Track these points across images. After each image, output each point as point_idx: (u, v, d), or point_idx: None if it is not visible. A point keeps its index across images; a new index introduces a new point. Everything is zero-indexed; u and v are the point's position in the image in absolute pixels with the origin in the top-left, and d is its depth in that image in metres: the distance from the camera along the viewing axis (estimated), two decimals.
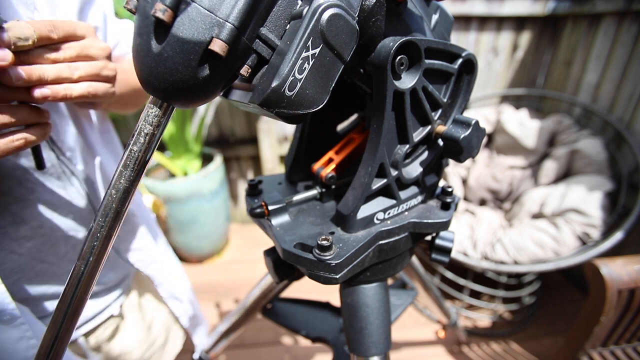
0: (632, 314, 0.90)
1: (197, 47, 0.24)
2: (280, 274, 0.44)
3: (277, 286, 0.62)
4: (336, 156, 0.46)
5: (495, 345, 1.48)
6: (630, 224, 1.24)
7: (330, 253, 0.35)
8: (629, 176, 1.41)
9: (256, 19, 0.26)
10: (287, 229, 0.40)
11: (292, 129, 1.88)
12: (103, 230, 0.28)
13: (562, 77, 1.80)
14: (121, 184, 0.28)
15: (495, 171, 1.72)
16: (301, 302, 0.69)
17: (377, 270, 0.42)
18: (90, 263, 0.28)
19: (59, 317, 0.28)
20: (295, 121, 0.30)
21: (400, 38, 0.32)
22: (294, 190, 0.50)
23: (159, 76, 0.25)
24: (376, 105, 0.35)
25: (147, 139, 0.28)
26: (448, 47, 0.37)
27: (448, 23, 0.43)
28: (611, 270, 0.86)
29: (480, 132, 0.39)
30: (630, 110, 1.47)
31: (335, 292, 0.44)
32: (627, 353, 0.97)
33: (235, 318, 0.69)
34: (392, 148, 0.38)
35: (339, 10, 0.27)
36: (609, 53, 1.54)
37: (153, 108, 0.27)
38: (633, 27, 1.43)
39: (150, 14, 0.23)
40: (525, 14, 1.71)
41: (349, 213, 0.38)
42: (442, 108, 0.40)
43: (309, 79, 0.28)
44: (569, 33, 1.73)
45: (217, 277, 1.92)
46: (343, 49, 0.28)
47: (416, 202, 0.43)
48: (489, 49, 1.85)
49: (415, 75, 0.35)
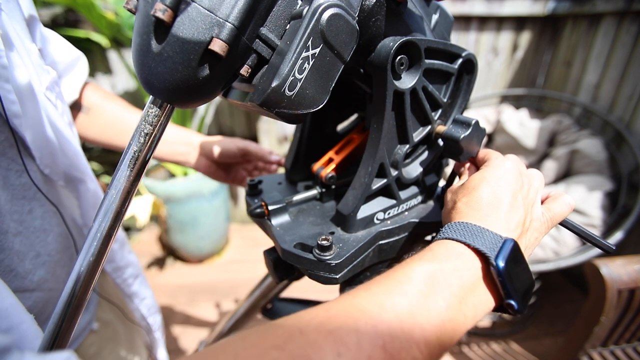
0: (632, 314, 0.90)
1: (197, 47, 0.24)
2: (280, 274, 0.43)
3: (277, 286, 0.62)
4: (336, 156, 0.46)
5: (495, 345, 1.48)
6: (630, 224, 1.24)
7: (330, 253, 0.35)
8: (629, 176, 1.41)
9: (256, 19, 0.26)
10: (287, 229, 0.40)
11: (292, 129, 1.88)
12: (103, 230, 0.28)
13: (562, 77, 1.80)
14: (121, 184, 0.28)
15: None
16: (301, 302, 0.69)
17: (377, 270, 0.42)
18: (91, 263, 0.28)
19: (59, 317, 0.28)
20: (295, 121, 0.30)
21: (400, 38, 0.32)
22: (294, 190, 0.50)
23: (159, 76, 0.25)
24: (376, 105, 0.35)
25: (147, 139, 0.28)
26: (448, 47, 0.37)
27: (448, 23, 0.43)
28: (611, 270, 0.86)
29: (480, 132, 0.39)
30: (630, 110, 1.46)
31: (335, 292, 0.44)
32: (627, 353, 0.97)
33: (235, 318, 0.69)
34: (392, 148, 0.38)
35: (339, 10, 0.27)
36: (609, 53, 1.54)
37: (153, 108, 0.27)
38: (633, 27, 1.43)
39: (150, 14, 0.23)
40: (525, 14, 1.71)
41: (349, 213, 0.38)
42: (442, 108, 0.40)
43: (309, 79, 0.28)
44: (569, 33, 1.73)
45: (217, 277, 1.92)
46: (343, 49, 0.28)
47: (416, 202, 0.43)
48: (489, 49, 1.85)
49: (415, 75, 0.35)
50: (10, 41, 0.40)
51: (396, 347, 0.23)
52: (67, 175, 0.50)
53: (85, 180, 0.53)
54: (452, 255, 0.28)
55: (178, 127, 0.68)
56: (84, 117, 0.61)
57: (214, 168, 0.67)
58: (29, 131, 0.42)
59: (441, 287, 0.26)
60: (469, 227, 0.30)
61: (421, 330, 0.24)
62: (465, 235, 0.29)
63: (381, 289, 0.26)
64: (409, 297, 0.25)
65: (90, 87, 0.63)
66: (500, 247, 0.28)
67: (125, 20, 1.57)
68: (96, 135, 0.61)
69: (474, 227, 0.30)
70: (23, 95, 0.40)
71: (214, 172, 0.67)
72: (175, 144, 0.66)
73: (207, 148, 0.65)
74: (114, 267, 0.62)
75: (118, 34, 1.66)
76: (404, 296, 0.25)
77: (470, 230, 0.29)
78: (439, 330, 0.24)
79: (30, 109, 0.42)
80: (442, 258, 0.28)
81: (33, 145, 0.42)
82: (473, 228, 0.29)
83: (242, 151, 0.65)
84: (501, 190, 0.32)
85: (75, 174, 0.51)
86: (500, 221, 0.31)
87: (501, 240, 0.28)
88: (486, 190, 0.33)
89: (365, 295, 0.26)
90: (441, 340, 0.25)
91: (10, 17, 0.41)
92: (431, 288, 0.26)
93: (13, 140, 0.40)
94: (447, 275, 0.27)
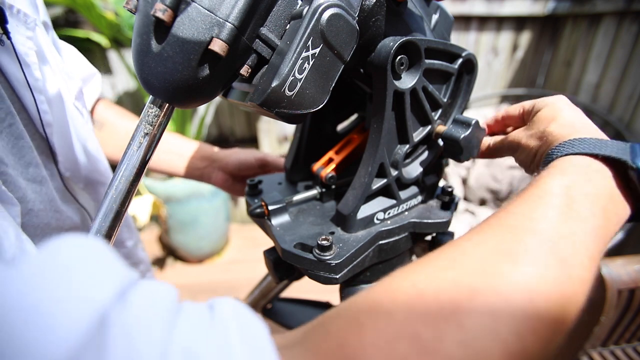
0: (632, 314, 0.90)
1: (197, 47, 0.24)
2: (280, 274, 0.43)
3: (277, 286, 0.62)
4: (336, 156, 0.46)
5: None
6: (630, 224, 1.24)
7: (330, 253, 0.35)
8: None
9: (256, 19, 0.26)
10: (287, 229, 0.40)
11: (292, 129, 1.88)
12: (103, 230, 0.28)
13: (562, 77, 1.80)
14: (121, 184, 0.28)
15: (496, 171, 1.72)
16: (301, 302, 0.69)
17: (377, 270, 0.42)
18: None
19: None
20: (295, 121, 0.30)
21: (400, 38, 0.32)
22: (294, 190, 0.50)
23: (159, 76, 0.25)
24: (376, 105, 0.35)
25: (147, 139, 0.28)
26: (448, 47, 0.37)
27: (448, 23, 0.43)
28: (611, 270, 0.86)
29: (480, 132, 0.39)
30: (630, 110, 1.47)
31: (335, 292, 0.44)
32: (627, 353, 0.97)
33: None
34: (392, 148, 0.38)
35: (339, 10, 0.27)
36: (609, 53, 1.54)
37: (153, 108, 0.27)
38: (633, 27, 1.43)
39: (150, 14, 0.23)
40: (525, 14, 1.71)
41: (349, 213, 0.38)
42: (442, 108, 0.40)
43: (309, 79, 0.28)
44: (569, 33, 1.73)
45: (217, 277, 1.92)
46: (343, 49, 0.28)
47: (416, 202, 0.43)
48: (489, 49, 1.85)
49: (415, 75, 0.35)
50: (43, 55, 0.42)
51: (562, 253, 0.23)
52: (88, 179, 0.51)
53: (106, 183, 0.54)
54: (580, 168, 0.28)
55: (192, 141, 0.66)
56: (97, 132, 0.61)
57: (231, 182, 0.64)
58: (56, 138, 0.44)
59: (581, 198, 0.26)
60: (585, 140, 0.29)
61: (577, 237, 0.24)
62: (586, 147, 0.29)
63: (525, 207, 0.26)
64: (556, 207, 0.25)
65: (103, 103, 0.63)
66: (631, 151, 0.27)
67: (125, 20, 1.57)
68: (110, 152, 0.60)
69: (590, 140, 0.29)
70: (53, 105, 0.43)
71: (231, 186, 0.65)
72: (193, 159, 0.64)
73: (224, 161, 0.63)
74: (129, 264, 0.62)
75: (118, 34, 1.66)
76: (552, 207, 0.25)
77: (588, 142, 0.29)
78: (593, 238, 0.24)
79: (60, 118, 0.44)
80: (572, 171, 0.28)
81: (59, 150, 0.44)
82: (590, 141, 0.29)
83: (260, 162, 0.63)
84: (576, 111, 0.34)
85: (96, 177, 0.52)
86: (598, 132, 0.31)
87: (627, 145, 0.28)
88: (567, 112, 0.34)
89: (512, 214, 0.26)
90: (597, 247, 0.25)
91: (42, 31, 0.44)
92: (573, 200, 0.26)
93: (44, 146, 0.43)
94: (582, 186, 0.27)
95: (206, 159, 0.64)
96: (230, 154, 0.64)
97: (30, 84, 0.39)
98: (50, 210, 0.42)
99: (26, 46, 0.39)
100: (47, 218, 0.41)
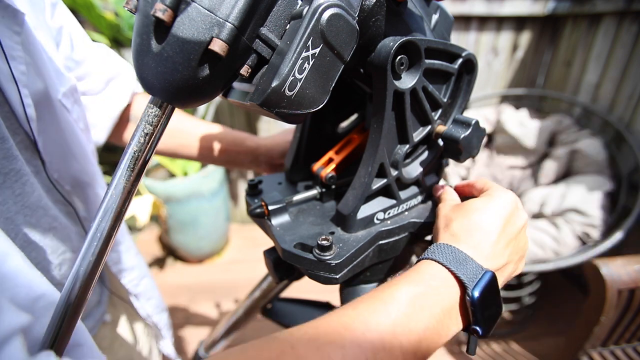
0: (632, 314, 0.90)
1: (197, 47, 0.24)
2: (280, 274, 0.43)
3: (277, 286, 0.62)
4: (336, 156, 0.46)
5: (495, 345, 1.48)
6: (630, 224, 1.24)
7: (330, 253, 0.35)
8: (629, 176, 1.41)
9: (256, 19, 0.26)
10: (287, 229, 0.40)
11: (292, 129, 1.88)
12: (103, 230, 0.28)
13: (562, 77, 1.80)
14: (121, 184, 0.28)
15: (496, 171, 1.72)
16: (301, 302, 0.69)
17: (377, 270, 0.42)
18: (91, 263, 0.28)
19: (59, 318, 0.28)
20: (295, 121, 0.30)
21: (400, 38, 0.32)
22: (294, 190, 0.50)
23: (159, 76, 0.25)
24: (376, 105, 0.35)
25: (147, 139, 0.28)
26: (448, 47, 0.37)
27: (448, 23, 0.43)
28: (611, 270, 0.86)
29: (480, 132, 0.39)
30: (630, 110, 1.47)
31: (335, 292, 0.44)
32: (627, 353, 0.97)
33: (235, 318, 0.69)
34: (392, 148, 0.38)
35: (339, 10, 0.27)
36: (609, 53, 1.54)
37: (153, 108, 0.27)
38: (633, 27, 1.43)
39: (150, 14, 0.23)
40: (525, 14, 1.71)
41: (349, 213, 0.38)
42: (442, 108, 0.40)
43: (309, 79, 0.28)
44: (569, 33, 1.73)
45: (217, 277, 1.92)
46: (343, 49, 0.28)
47: (416, 202, 0.43)
48: (489, 49, 1.85)
49: (415, 75, 0.35)
50: (29, 48, 0.41)
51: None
52: (76, 180, 0.50)
53: (93, 185, 0.53)
54: (436, 279, 0.31)
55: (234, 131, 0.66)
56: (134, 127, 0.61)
57: (277, 167, 0.65)
58: (41, 136, 0.43)
59: (422, 310, 0.29)
60: (456, 253, 0.32)
61: (400, 348, 0.27)
62: (451, 261, 0.31)
63: (367, 308, 0.28)
64: (392, 317, 0.28)
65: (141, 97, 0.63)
66: (479, 279, 0.30)
67: (125, 20, 1.57)
68: None
69: (461, 254, 0.32)
70: (38, 100, 0.42)
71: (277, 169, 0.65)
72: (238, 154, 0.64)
73: (268, 155, 0.63)
74: (119, 269, 0.62)
75: (118, 34, 1.66)
76: (388, 316, 0.28)
77: (457, 257, 0.32)
78: (416, 348, 0.28)
79: (45, 114, 0.43)
80: (427, 281, 0.30)
81: (44, 150, 0.44)
82: (460, 255, 0.32)
83: None
84: (497, 221, 0.34)
85: (84, 179, 0.51)
86: (486, 251, 0.33)
87: (482, 272, 0.31)
88: (484, 218, 0.34)
89: (353, 313, 0.28)
90: (417, 356, 0.28)
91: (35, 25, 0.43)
92: (413, 310, 0.28)
93: (28, 142, 0.42)
94: (429, 298, 0.29)
95: (250, 153, 0.64)
96: (272, 146, 0.64)
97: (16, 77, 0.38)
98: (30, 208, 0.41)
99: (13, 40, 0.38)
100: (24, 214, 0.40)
